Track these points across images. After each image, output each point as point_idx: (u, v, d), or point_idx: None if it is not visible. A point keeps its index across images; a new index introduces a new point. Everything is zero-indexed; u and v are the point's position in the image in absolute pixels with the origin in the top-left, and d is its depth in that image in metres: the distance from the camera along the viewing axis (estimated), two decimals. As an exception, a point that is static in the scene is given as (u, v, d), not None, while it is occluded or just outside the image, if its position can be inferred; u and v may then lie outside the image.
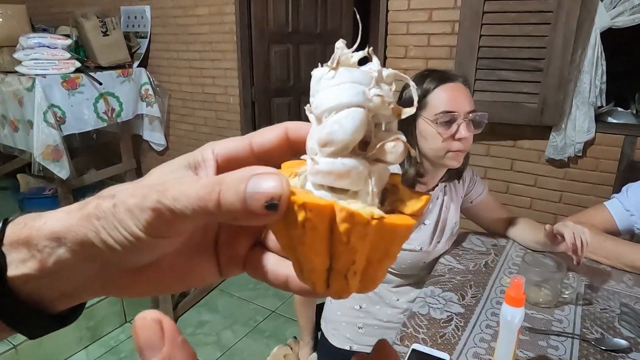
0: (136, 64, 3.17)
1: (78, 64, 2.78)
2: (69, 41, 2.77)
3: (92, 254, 0.22)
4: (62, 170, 2.72)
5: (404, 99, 1.12)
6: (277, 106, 2.92)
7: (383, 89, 0.21)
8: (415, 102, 0.22)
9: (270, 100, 2.89)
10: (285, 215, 0.19)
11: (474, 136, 1.07)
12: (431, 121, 1.03)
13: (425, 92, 1.04)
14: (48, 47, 2.66)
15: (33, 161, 2.64)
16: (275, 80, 2.86)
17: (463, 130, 1.03)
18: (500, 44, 1.90)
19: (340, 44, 0.22)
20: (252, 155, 0.25)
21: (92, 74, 2.81)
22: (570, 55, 1.82)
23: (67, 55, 2.73)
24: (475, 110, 1.06)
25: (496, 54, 1.92)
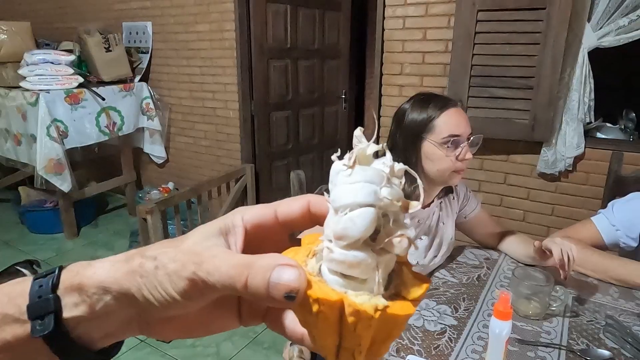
0: (137, 78, 3.24)
1: (81, 79, 2.84)
2: (72, 57, 2.83)
3: (132, 303, 0.26)
4: (64, 183, 2.77)
5: (406, 122, 1.14)
6: (275, 120, 2.98)
7: (393, 185, 0.24)
8: (422, 199, 0.26)
9: (269, 114, 2.95)
10: (302, 304, 0.23)
11: None
12: (438, 144, 1.09)
13: (430, 117, 1.10)
14: (52, 63, 2.72)
15: (36, 174, 2.69)
16: (274, 95, 2.92)
17: (466, 152, 1.11)
18: (492, 62, 1.97)
19: (358, 132, 0.26)
20: (277, 224, 0.29)
21: (94, 88, 2.88)
22: (559, 73, 1.89)
23: (71, 70, 2.79)
24: (472, 133, 1.13)
25: (488, 72, 1.99)
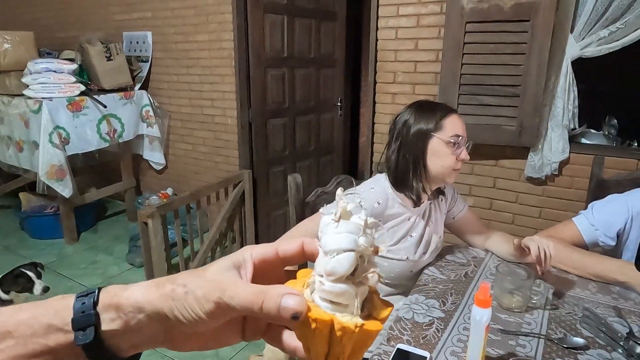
0: (138, 86, 3.31)
1: (82, 87, 2.91)
2: (74, 66, 2.91)
3: (162, 321, 0.34)
4: (66, 189, 2.82)
5: (416, 122, 1.23)
6: (273, 127, 3.05)
7: (367, 235, 0.34)
8: (386, 246, 0.36)
9: (267, 121, 3.02)
10: (303, 322, 0.32)
11: None
12: (445, 142, 1.20)
13: (440, 117, 1.21)
14: (55, 71, 2.79)
15: (38, 180, 2.75)
16: (271, 102, 3.00)
17: (465, 153, 1.22)
18: (480, 71, 2.06)
19: (339, 192, 0.36)
20: (277, 259, 0.38)
21: (95, 96, 2.94)
22: (544, 82, 1.98)
23: (73, 79, 2.86)
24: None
25: (477, 80, 2.08)
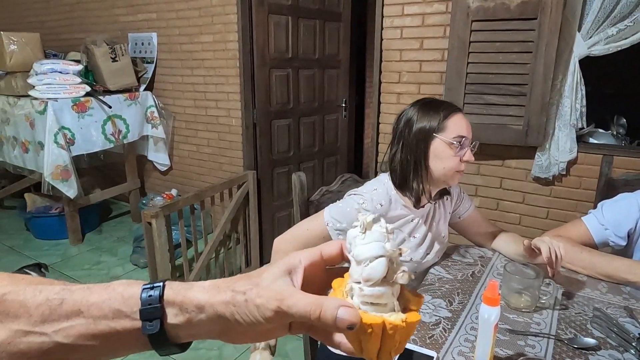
0: (143, 87, 3.32)
1: (88, 88, 2.92)
2: (79, 67, 2.92)
3: (222, 322, 0.37)
4: (71, 189, 2.83)
5: (418, 121, 1.19)
6: (277, 128, 3.04)
7: (391, 240, 0.38)
8: (408, 250, 0.39)
9: (271, 122, 3.01)
10: (359, 329, 0.35)
11: None
12: (448, 143, 1.16)
13: (443, 118, 1.16)
14: (60, 72, 2.80)
15: (43, 181, 2.75)
16: (275, 104, 2.99)
17: (469, 154, 1.18)
18: (486, 70, 2.04)
19: (361, 215, 0.39)
20: (322, 261, 0.42)
21: (101, 97, 2.95)
22: (551, 81, 1.95)
23: (78, 80, 2.87)
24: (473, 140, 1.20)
25: (483, 79, 2.06)
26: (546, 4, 1.87)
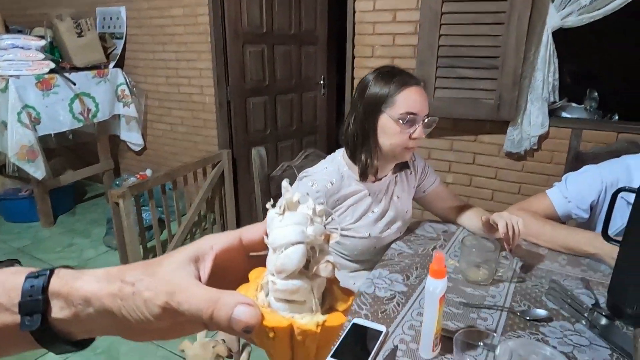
0: (112, 64, 3.20)
1: (52, 65, 2.80)
2: (42, 42, 2.79)
3: (111, 317, 0.32)
4: (38, 170, 2.74)
5: (368, 92, 1.14)
6: (252, 105, 2.97)
7: (316, 223, 0.31)
8: (338, 233, 0.33)
9: (246, 100, 2.94)
10: (260, 332, 0.30)
11: (439, 131, 1.15)
12: (395, 120, 1.11)
13: (391, 92, 1.10)
14: (22, 48, 2.68)
15: (8, 162, 2.66)
16: (250, 80, 2.91)
17: (420, 131, 1.13)
18: (458, 43, 2.00)
19: (285, 183, 0.33)
20: (241, 247, 0.35)
21: (66, 74, 2.84)
22: (524, 53, 1.92)
23: (41, 56, 2.75)
24: (429, 115, 1.15)
25: (455, 52, 2.01)
26: (519, -28, 1.82)
